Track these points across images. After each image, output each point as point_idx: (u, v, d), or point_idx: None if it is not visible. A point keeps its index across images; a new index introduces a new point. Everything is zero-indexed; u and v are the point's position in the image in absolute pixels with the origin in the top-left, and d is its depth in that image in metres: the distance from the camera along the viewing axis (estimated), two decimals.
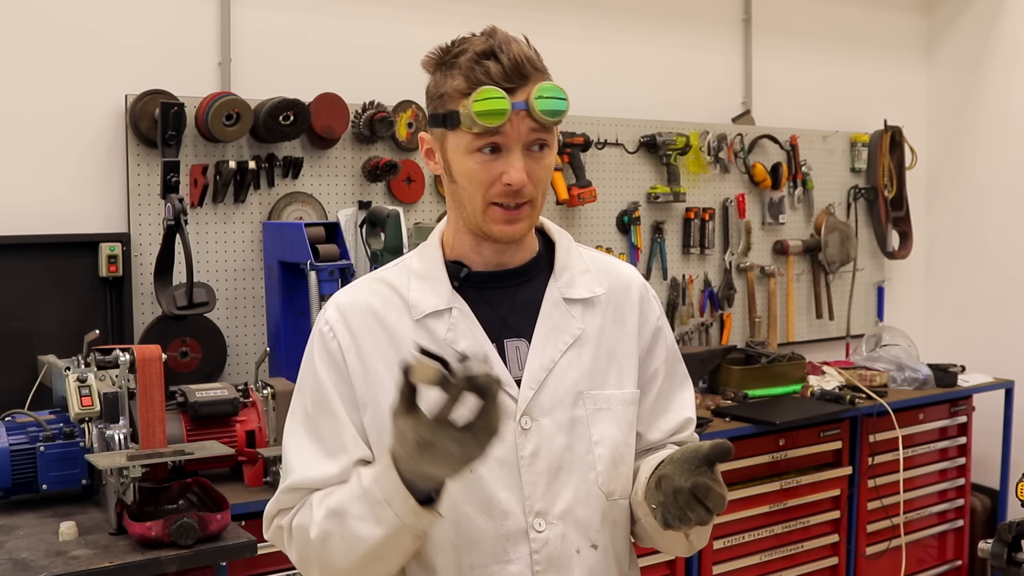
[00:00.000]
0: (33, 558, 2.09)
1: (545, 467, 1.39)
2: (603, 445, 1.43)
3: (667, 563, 3.36)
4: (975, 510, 4.34)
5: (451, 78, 1.36)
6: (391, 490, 1.27)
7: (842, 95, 4.70)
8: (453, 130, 1.36)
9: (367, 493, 1.30)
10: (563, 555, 1.40)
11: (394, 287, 1.45)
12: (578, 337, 1.44)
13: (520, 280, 1.47)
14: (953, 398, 4.11)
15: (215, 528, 2.19)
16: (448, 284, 1.44)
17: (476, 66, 1.34)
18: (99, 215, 3.03)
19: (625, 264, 1.58)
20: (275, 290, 3.08)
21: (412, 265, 1.48)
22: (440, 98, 1.38)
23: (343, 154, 3.36)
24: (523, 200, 1.37)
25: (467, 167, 1.37)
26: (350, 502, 1.32)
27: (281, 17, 3.30)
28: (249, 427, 2.68)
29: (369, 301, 1.44)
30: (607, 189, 3.92)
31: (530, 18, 3.72)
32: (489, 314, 1.43)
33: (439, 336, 1.40)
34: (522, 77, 1.35)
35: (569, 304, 1.46)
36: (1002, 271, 4.70)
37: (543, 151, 1.38)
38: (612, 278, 1.52)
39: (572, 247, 1.52)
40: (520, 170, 1.35)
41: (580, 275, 1.49)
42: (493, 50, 1.34)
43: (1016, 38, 4.66)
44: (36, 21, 2.94)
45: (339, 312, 1.44)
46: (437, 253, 1.47)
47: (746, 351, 4.02)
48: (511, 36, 1.38)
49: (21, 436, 2.44)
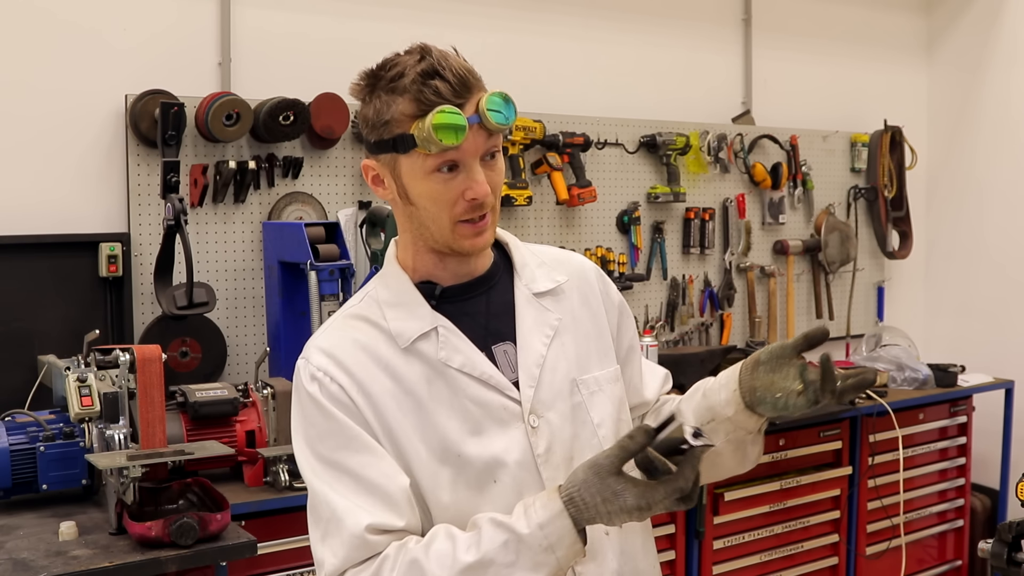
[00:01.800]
0: (33, 558, 2.09)
1: (560, 460, 1.41)
2: (604, 426, 1.47)
3: (667, 563, 3.36)
4: (975, 510, 4.34)
5: (394, 103, 1.34)
6: (560, 536, 1.27)
7: (842, 95, 4.70)
8: (406, 153, 1.35)
9: (525, 539, 1.27)
10: (594, 540, 1.40)
11: (370, 321, 1.43)
12: (557, 328, 1.47)
13: (488, 286, 1.48)
14: (953, 398, 4.11)
15: (215, 528, 2.19)
16: (425, 305, 1.43)
17: (424, 88, 1.32)
18: (99, 215, 3.03)
19: (573, 252, 1.62)
20: (275, 290, 3.08)
21: (379, 296, 1.45)
22: (385, 124, 1.35)
23: (343, 154, 3.36)
24: (486, 211, 1.39)
25: (428, 189, 1.36)
26: (496, 552, 1.28)
27: (281, 17, 3.30)
28: (249, 427, 2.68)
29: (353, 337, 1.41)
30: (607, 189, 3.93)
31: (530, 18, 3.72)
32: (471, 325, 1.44)
33: (432, 357, 1.39)
34: (468, 90, 1.34)
35: (539, 298, 1.49)
36: (1002, 271, 4.70)
37: (495, 157, 1.39)
38: (566, 266, 1.56)
39: (520, 245, 1.55)
40: (483, 183, 1.35)
41: (538, 269, 1.52)
42: (435, 68, 1.33)
43: (1016, 38, 4.66)
44: (36, 21, 2.94)
45: (327, 355, 1.40)
46: (403, 277, 1.45)
47: (746, 351, 4.02)
48: (442, 50, 1.37)
49: (21, 436, 2.44)
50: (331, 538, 1.34)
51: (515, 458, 1.38)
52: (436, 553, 1.29)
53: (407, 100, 1.33)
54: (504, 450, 1.39)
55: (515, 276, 1.50)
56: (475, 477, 1.37)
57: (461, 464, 1.37)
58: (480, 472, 1.37)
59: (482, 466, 1.37)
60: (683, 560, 3.39)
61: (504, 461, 1.38)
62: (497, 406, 1.40)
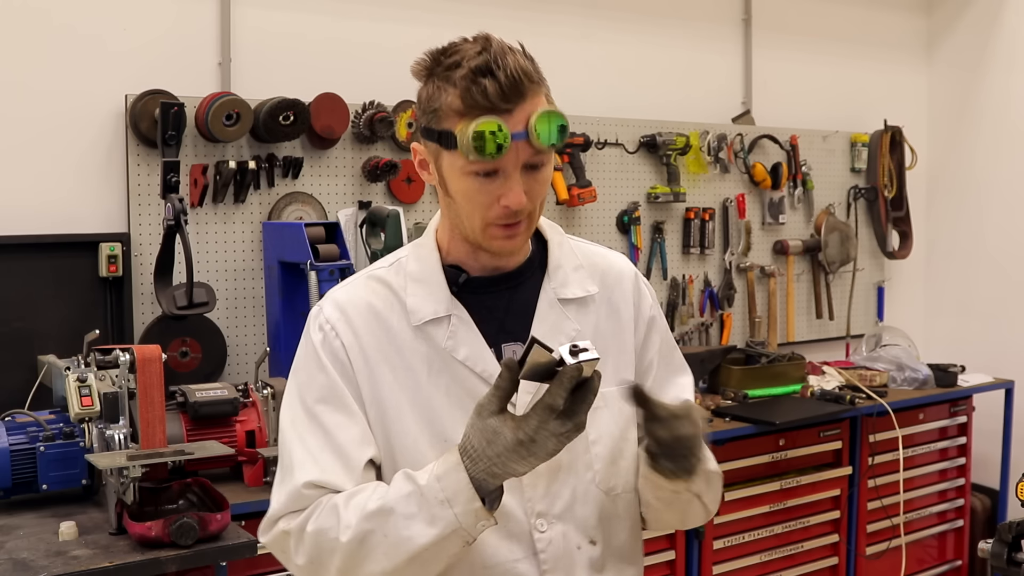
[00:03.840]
0: (33, 558, 2.09)
1: (545, 469, 1.37)
2: (600, 444, 1.43)
3: (667, 563, 3.36)
4: (975, 510, 4.34)
5: (445, 93, 1.31)
6: (456, 489, 1.25)
7: (842, 95, 4.70)
8: (449, 149, 1.33)
9: (424, 491, 1.27)
10: (566, 552, 1.41)
11: (392, 288, 1.44)
12: (573, 339, 1.42)
13: (515, 283, 1.46)
14: (953, 398, 4.11)
15: (215, 528, 2.19)
16: (447, 290, 1.42)
17: (472, 85, 1.28)
18: (99, 215, 3.03)
19: (616, 255, 1.57)
20: (275, 290, 3.08)
21: (408, 267, 1.45)
22: (434, 113, 1.33)
23: (343, 154, 3.36)
24: (522, 217, 1.36)
25: (464, 188, 1.34)
26: (397, 501, 1.28)
27: (281, 17, 3.30)
28: (249, 427, 2.68)
29: (369, 300, 1.43)
30: (607, 189, 3.92)
31: (530, 18, 3.73)
32: (487, 319, 1.42)
33: (439, 344, 1.40)
34: (520, 95, 1.29)
35: (564, 304, 1.46)
36: (1002, 271, 4.70)
37: (541, 168, 1.36)
38: (605, 271, 1.52)
39: (564, 242, 1.52)
40: (519, 194, 1.32)
41: (573, 272, 1.48)
42: (489, 66, 1.28)
43: (1016, 38, 4.66)
44: (37, 21, 2.94)
45: (339, 310, 1.42)
46: (434, 256, 1.45)
47: (746, 351, 4.02)
48: (506, 46, 1.32)
49: (21, 436, 2.44)
50: (281, 485, 1.40)
51: None
52: (355, 500, 1.32)
53: (456, 95, 1.29)
54: None
55: (546, 277, 1.47)
56: None
57: (445, 447, 1.34)
58: None
59: None
60: (683, 560, 3.39)
61: None
62: None
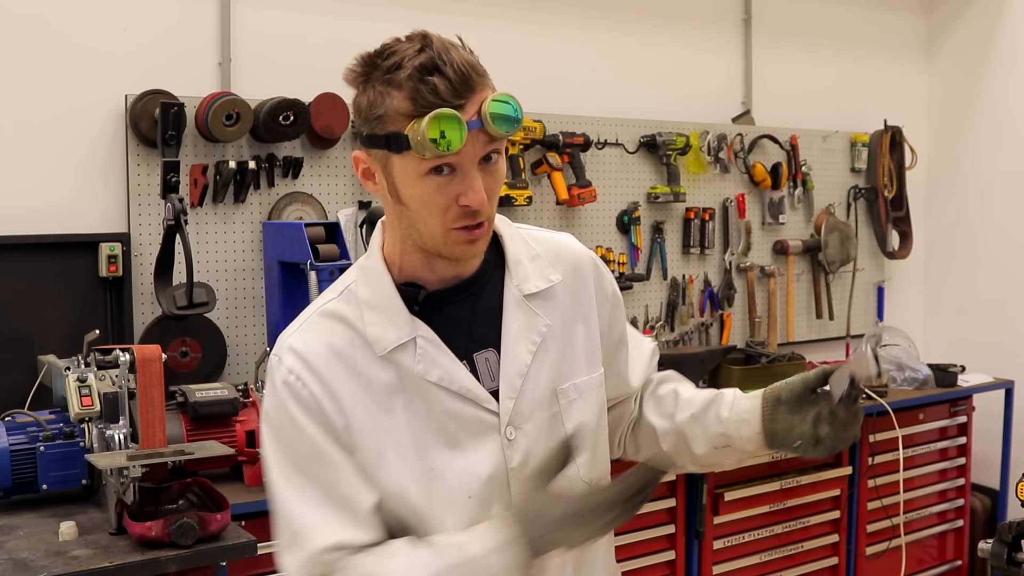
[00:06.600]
0: (33, 558, 2.09)
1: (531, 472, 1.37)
2: (580, 435, 1.40)
3: (667, 563, 3.36)
4: (975, 510, 4.34)
5: (389, 96, 1.24)
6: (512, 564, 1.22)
7: (842, 95, 4.70)
8: (399, 153, 1.26)
9: (478, 562, 1.23)
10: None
11: (348, 322, 1.35)
12: (545, 335, 1.40)
13: (477, 287, 1.39)
14: (953, 398, 4.11)
15: (215, 528, 2.19)
16: (405, 312, 1.34)
17: (421, 85, 1.22)
18: (99, 215, 3.03)
19: (567, 237, 1.52)
20: (275, 290, 3.08)
21: (360, 293, 1.36)
22: (379, 119, 1.25)
23: (343, 154, 3.36)
24: (483, 218, 1.30)
25: (420, 191, 1.27)
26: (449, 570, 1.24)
27: (281, 17, 3.30)
28: (249, 427, 2.68)
29: (329, 341, 1.34)
30: (607, 189, 3.92)
31: (530, 18, 3.72)
32: (453, 332, 1.36)
33: (409, 369, 1.33)
34: (470, 89, 1.24)
35: (530, 300, 1.40)
36: (1002, 271, 4.70)
37: (495, 160, 1.30)
38: (561, 256, 1.47)
39: (516, 234, 1.46)
40: (479, 191, 1.26)
41: (531, 264, 1.43)
42: (435, 63, 1.23)
43: (1016, 38, 4.66)
44: (37, 22, 2.93)
45: (300, 360, 1.32)
46: (385, 277, 1.36)
47: (746, 351, 4.02)
48: (447, 41, 1.27)
49: (21, 436, 2.44)
50: (293, 552, 1.31)
51: (488, 471, 1.34)
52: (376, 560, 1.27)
53: (403, 97, 1.23)
54: (478, 463, 1.34)
55: (507, 274, 1.41)
56: (448, 491, 1.33)
57: (434, 477, 1.32)
58: (454, 486, 1.33)
59: (456, 480, 1.33)
60: (683, 560, 3.39)
61: (477, 474, 1.34)
62: (473, 419, 1.34)
